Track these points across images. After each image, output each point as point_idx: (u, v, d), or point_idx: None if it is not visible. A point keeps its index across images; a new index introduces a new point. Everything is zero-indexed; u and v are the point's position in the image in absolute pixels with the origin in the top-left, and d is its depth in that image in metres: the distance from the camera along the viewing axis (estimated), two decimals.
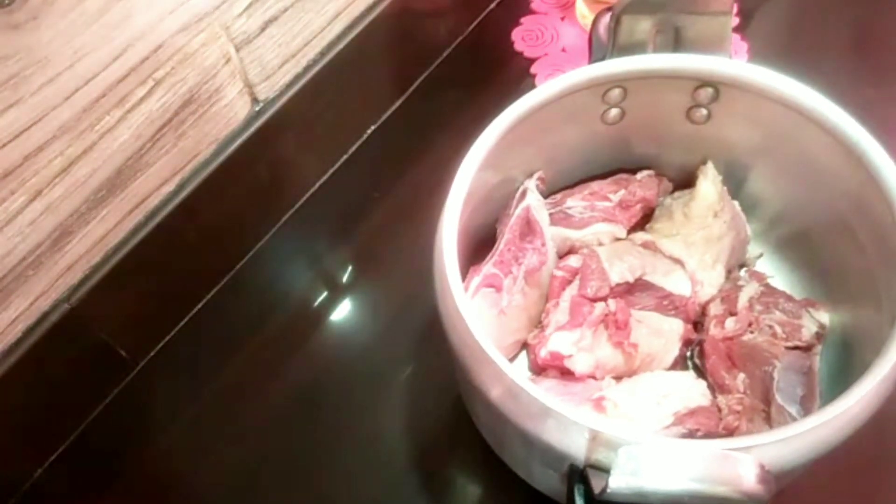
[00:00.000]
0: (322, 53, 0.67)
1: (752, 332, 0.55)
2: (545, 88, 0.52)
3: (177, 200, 0.61)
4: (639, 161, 0.61)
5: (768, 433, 0.39)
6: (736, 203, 0.60)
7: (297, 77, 0.66)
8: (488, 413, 0.46)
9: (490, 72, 0.81)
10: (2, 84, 0.45)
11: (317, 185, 0.75)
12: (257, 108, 0.64)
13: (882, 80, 0.77)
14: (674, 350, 0.56)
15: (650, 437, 0.41)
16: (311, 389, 0.65)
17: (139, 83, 0.53)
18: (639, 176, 0.61)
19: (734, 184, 0.60)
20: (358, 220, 0.73)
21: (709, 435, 0.50)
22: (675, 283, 0.57)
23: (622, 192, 0.60)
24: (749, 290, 0.57)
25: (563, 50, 0.82)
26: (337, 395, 0.64)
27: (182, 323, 0.68)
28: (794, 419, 0.50)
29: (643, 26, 0.54)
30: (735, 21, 0.80)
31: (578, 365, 0.53)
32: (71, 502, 0.62)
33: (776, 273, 0.60)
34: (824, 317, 0.55)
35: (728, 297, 0.57)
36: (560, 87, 0.53)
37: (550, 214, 0.59)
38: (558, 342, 0.53)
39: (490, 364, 0.43)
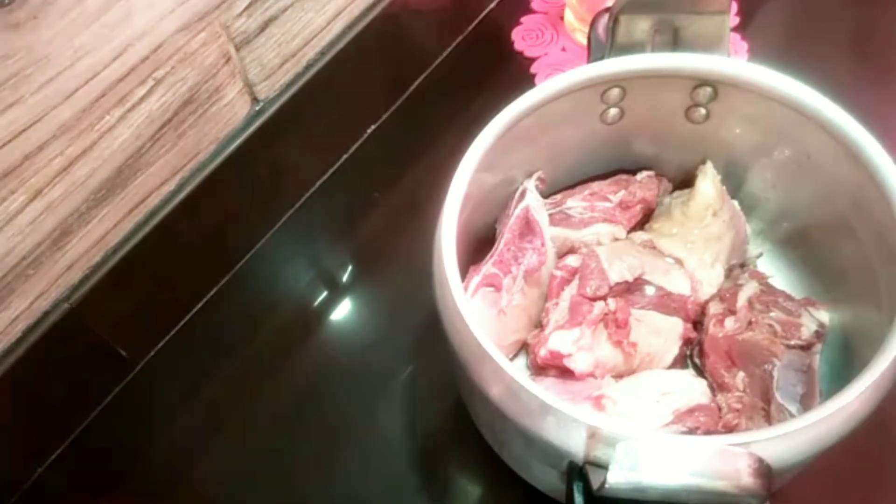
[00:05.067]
0: (322, 53, 0.68)
1: (751, 331, 0.55)
2: (544, 88, 0.52)
3: (177, 200, 0.61)
4: (638, 160, 0.61)
5: (767, 429, 0.39)
6: (735, 202, 0.60)
7: (297, 77, 0.66)
8: (488, 412, 0.46)
9: (490, 72, 0.81)
10: (2, 84, 0.45)
11: (317, 185, 0.75)
12: (257, 108, 0.64)
13: (882, 81, 0.77)
14: (673, 349, 0.56)
15: (648, 432, 0.41)
16: (311, 389, 0.65)
17: (139, 83, 0.53)
18: (639, 177, 0.61)
19: (733, 183, 0.60)
20: (358, 220, 0.73)
21: (708, 433, 0.49)
22: (675, 282, 0.57)
23: (622, 192, 0.60)
24: (748, 289, 0.57)
25: (563, 50, 0.82)
26: (337, 395, 0.64)
27: (182, 323, 0.68)
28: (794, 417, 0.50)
29: (641, 26, 0.54)
30: (735, 21, 0.80)
31: (578, 364, 0.53)
32: (71, 502, 0.62)
33: (776, 272, 0.60)
34: (824, 315, 0.55)
35: (727, 296, 0.57)
36: (559, 87, 0.53)
37: (551, 215, 0.59)
38: (558, 341, 0.53)
39: (489, 362, 0.43)
